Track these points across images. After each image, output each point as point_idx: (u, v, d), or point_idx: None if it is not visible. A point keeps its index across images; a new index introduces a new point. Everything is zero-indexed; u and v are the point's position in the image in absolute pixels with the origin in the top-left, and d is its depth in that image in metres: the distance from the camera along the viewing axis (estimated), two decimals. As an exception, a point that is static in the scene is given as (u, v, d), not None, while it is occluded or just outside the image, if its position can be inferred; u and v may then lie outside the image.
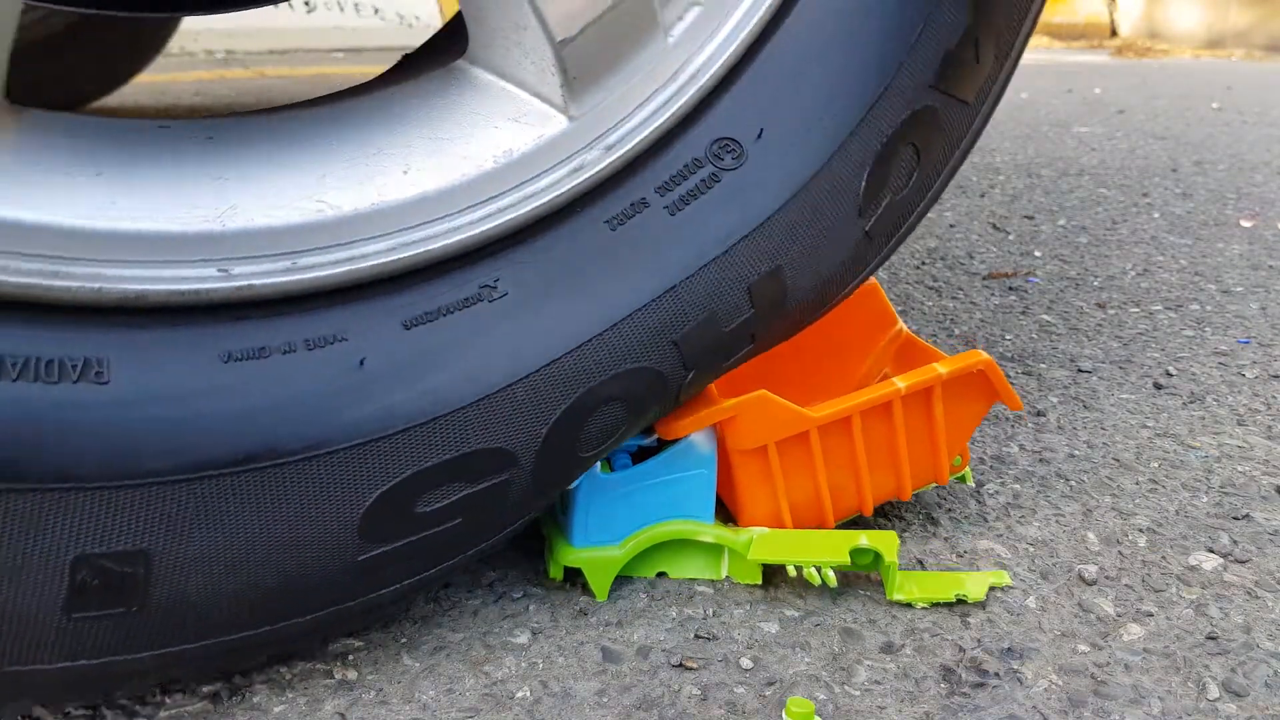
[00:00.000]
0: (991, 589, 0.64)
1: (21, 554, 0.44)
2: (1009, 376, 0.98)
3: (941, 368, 0.67)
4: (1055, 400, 0.93)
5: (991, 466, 0.80)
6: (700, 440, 0.63)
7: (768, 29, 0.59)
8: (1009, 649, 0.59)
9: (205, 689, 0.55)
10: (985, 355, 0.69)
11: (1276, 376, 0.98)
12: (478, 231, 0.54)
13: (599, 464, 0.62)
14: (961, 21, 0.60)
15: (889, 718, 0.53)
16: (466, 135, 0.55)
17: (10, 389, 0.44)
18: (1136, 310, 1.17)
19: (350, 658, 0.58)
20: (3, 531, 0.44)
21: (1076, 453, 0.83)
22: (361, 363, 0.50)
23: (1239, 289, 1.26)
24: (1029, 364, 1.01)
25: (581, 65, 0.55)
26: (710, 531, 0.64)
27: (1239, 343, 1.07)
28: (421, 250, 0.52)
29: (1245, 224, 1.59)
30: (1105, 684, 0.56)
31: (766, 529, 0.64)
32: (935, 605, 0.63)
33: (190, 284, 0.48)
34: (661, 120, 0.57)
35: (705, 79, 0.58)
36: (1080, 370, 0.99)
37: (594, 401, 0.55)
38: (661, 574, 0.66)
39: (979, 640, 0.59)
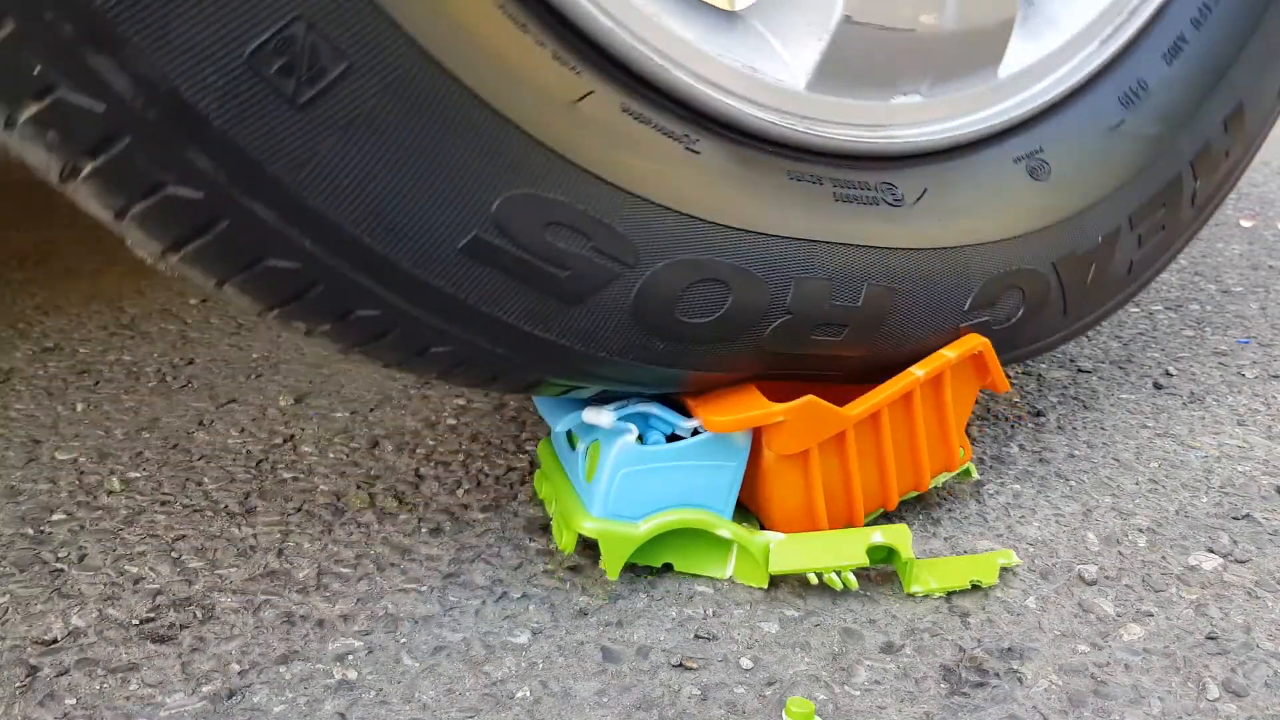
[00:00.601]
0: (994, 584, 0.64)
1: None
2: (1009, 376, 0.98)
3: (949, 352, 0.68)
4: (1055, 400, 0.93)
5: (991, 466, 0.80)
6: (738, 434, 0.63)
7: None
8: (1009, 649, 0.59)
9: (205, 689, 0.55)
10: (981, 337, 0.69)
11: (1276, 376, 0.98)
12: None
13: (636, 436, 0.62)
14: None
15: (889, 718, 0.53)
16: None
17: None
18: (1136, 310, 1.17)
19: (350, 658, 0.58)
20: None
21: (1076, 453, 0.83)
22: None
23: (1239, 289, 1.26)
24: (1028, 364, 1.01)
25: None
26: (729, 527, 0.64)
27: (1239, 343, 1.07)
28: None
29: (1245, 224, 1.59)
30: (1105, 684, 0.56)
31: (781, 534, 0.64)
32: (936, 606, 0.63)
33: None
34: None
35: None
36: (1080, 370, 0.99)
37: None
38: (667, 565, 0.66)
39: (979, 640, 0.59)
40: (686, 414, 0.64)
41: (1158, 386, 0.95)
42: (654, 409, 0.64)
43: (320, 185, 0.48)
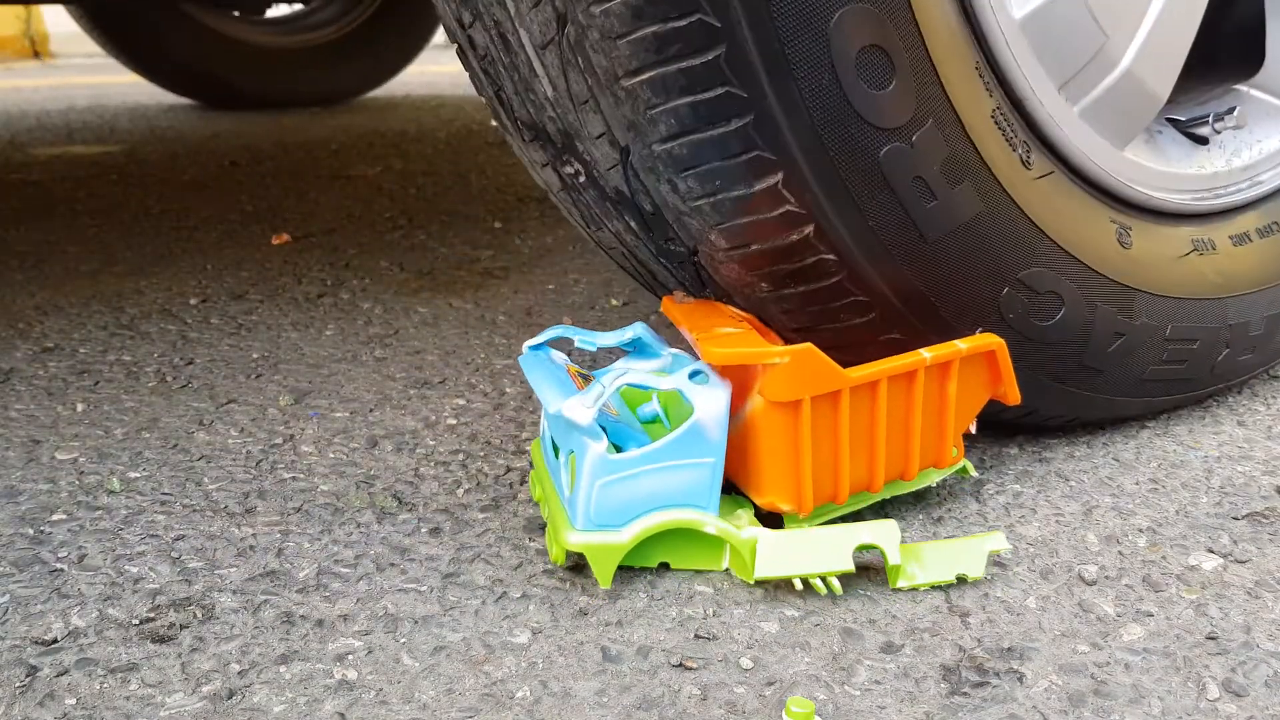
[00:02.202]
0: (982, 578, 0.64)
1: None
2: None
3: (962, 344, 0.68)
4: (1055, 400, 0.93)
5: (991, 466, 0.80)
6: (710, 427, 0.63)
7: None
8: (1009, 649, 0.59)
9: (205, 689, 0.55)
10: (998, 338, 0.69)
11: (1276, 377, 0.98)
12: None
13: (607, 446, 0.62)
14: None
15: (889, 718, 0.53)
16: None
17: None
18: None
19: (350, 658, 0.58)
20: None
21: (1076, 452, 0.83)
22: None
23: (1239, 289, 1.26)
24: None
25: None
26: (714, 523, 0.64)
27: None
28: None
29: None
30: (1105, 684, 0.56)
31: (769, 531, 0.64)
32: (936, 606, 0.63)
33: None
34: None
35: None
36: (1080, 370, 1.00)
37: None
38: (664, 565, 0.66)
39: (979, 640, 0.59)
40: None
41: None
42: (631, 378, 0.64)
43: None
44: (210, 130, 2.74)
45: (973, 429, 0.73)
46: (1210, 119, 0.88)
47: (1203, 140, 0.89)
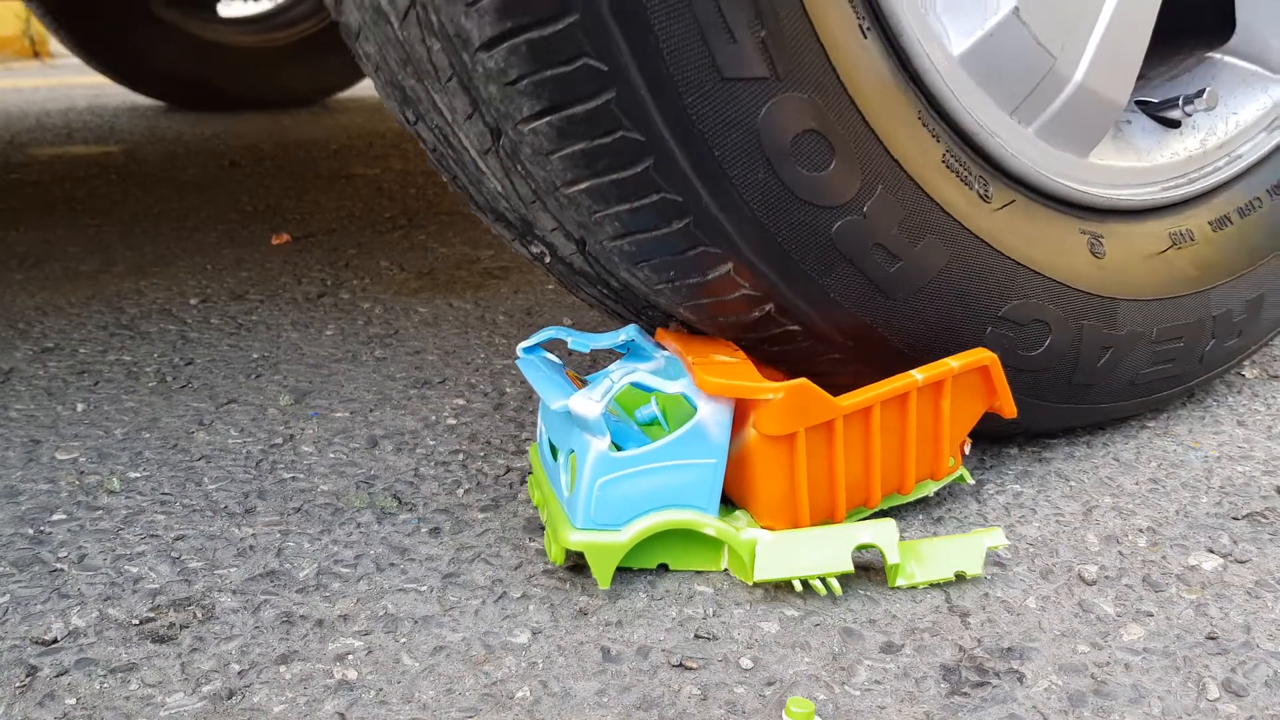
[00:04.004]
0: (980, 575, 0.64)
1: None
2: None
3: (953, 362, 0.68)
4: (1055, 400, 0.93)
5: (991, 466, 0.80)
6: (713, 428, 0.63)
7: None
8: (1009, 649, 0.59)
9: (205, 689, 0.55)
10: (990, 353, 0.69)
11: (1276, 377, 0.98)
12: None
13: (609, 443, 0.62)
14: None
15: (889, 718, 0.53)
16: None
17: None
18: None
19: (350, 658, 0.58)
20: None
21: (1076, 453, 0.83)
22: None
23: (1239, 289, 1.26)
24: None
25: None
26: (713, 525, 0.64)
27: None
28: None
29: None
30: (1105, 684, 0.56)
31: (768, 532, 0.64)
32: (936, 606, 0.63)
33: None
34: None
35: None
36: (1080, 370, 1.00)
37: None
38: (663, 565, 0.66)
39: (979, 640, 0.59)
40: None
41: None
42: (639, 377, 0.64)
43: None
44: (210, 130, 2.74)
45: (966, 449, 0.74)
46: (1180, 101, 0.85)
47: (1174, 124, 0.86)
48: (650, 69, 0.57)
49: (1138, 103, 0.87)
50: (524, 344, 0.70)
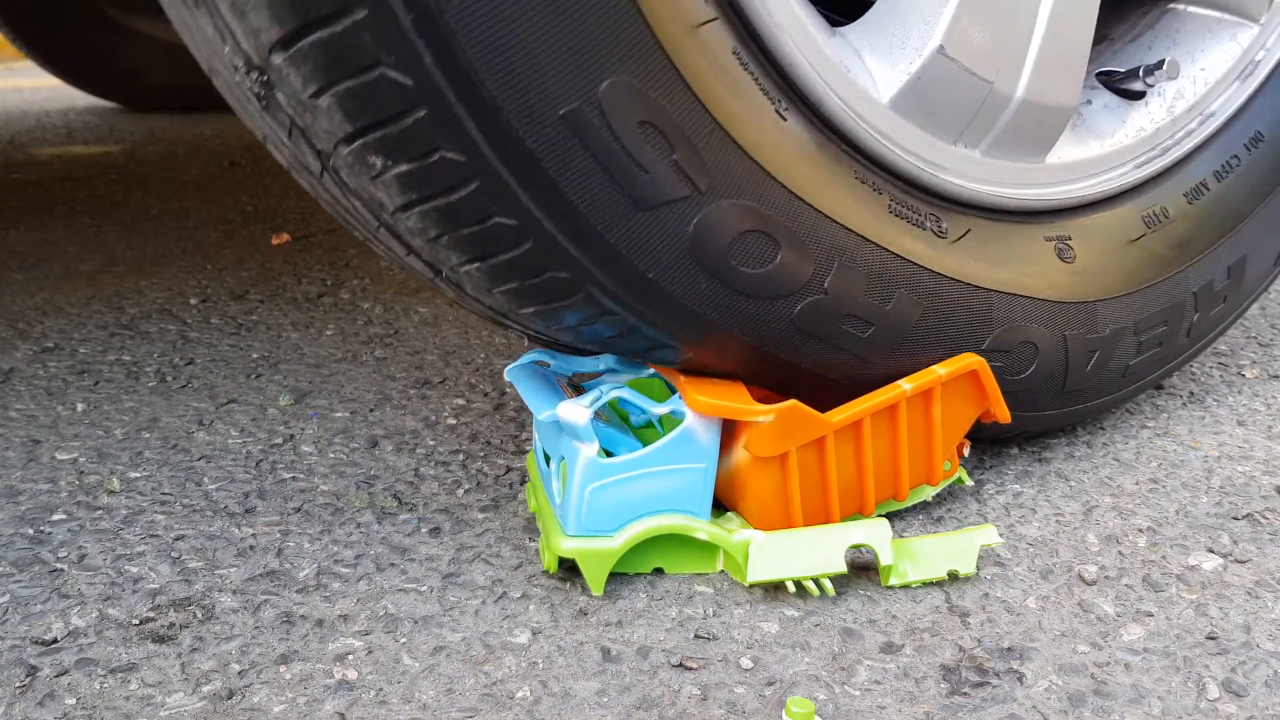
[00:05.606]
0: (973, 574, 0.64)
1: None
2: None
3: (941, 369, 0.68)
4: (1055, 400, 0.93)
5: (991, 466, 0.80)
6: (701, 433, 0.63)
7: None
8: (1009, 649, 0.59)
9: (205, 689, 0.55)
10: (978, 357, 0.69)
11: (1276, 377, 0.98)
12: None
13: (598, 450, 0.62)
14: None
15: (889, 718, 0.53)
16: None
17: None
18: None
19: (350, 658, 0.58)
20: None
21: (1076, 452, 0.83)
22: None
23: (1239, 289, 1.26)
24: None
25: None
26: (705, 528, 0.64)
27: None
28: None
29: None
30: (1105, 684, 0.56)
31: (761, 533, 0.64)
32: (936, 606, 0.63)
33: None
34: None
35: None
36: (1080, 370, 0.99)
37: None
38: (658, 570, 0.66)
39: (979, 640, 0.59)
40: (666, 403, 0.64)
41: (1158, 386, 0.95)
42: (626, 393, 0.64)
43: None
44: (210, 130, 2.74)
45: (965, 452, 0.74)
46: (1140, 72, 0.81)
47: (1139, 95, 0.82)
48: (566, 222, 0.57)
49: (1099, 75, 0.84)
50: (510, 367, 0.70)
